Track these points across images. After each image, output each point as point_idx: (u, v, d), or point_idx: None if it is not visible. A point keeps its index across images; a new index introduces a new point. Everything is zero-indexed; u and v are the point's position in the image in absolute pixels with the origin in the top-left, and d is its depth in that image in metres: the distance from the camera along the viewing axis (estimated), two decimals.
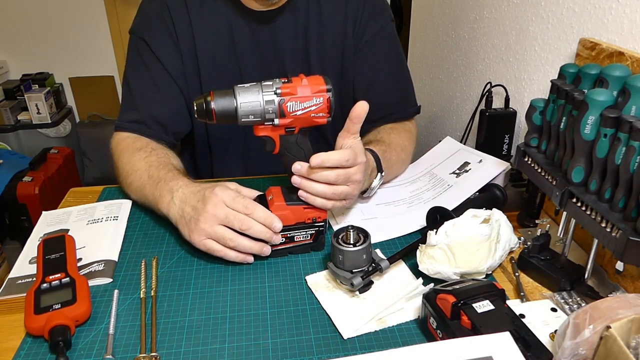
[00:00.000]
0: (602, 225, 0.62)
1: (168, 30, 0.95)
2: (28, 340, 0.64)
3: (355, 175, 0.75)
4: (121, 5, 2.63)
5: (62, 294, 0.67)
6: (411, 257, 0.76)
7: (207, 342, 0.64)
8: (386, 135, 0.97)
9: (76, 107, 2.85)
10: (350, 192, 0.76)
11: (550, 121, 0.72)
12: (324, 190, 0.74)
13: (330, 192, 0.74)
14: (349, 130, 0.74)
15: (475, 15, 1.28)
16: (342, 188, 0.75)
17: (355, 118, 0.72)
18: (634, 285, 0.68)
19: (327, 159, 0.72)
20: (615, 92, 0.64)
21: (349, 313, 0.68)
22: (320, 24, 0.98)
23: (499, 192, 0.86)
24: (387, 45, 1.03)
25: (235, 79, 0.97)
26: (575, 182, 0.66)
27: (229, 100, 0.69)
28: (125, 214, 0.89)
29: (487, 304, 0.59)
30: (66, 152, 2.42)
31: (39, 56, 2.68)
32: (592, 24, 0.84)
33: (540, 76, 1.01)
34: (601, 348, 0.48)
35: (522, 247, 0.79)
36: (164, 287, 0.73)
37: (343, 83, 1.03)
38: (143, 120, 0.94)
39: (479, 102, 1.17)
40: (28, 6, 2.57)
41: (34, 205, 2.11)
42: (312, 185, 0.74)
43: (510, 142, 1.05)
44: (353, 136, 0.74)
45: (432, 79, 1.61)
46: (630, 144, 0.57)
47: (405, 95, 1.06)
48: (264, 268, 0.77)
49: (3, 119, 2.49)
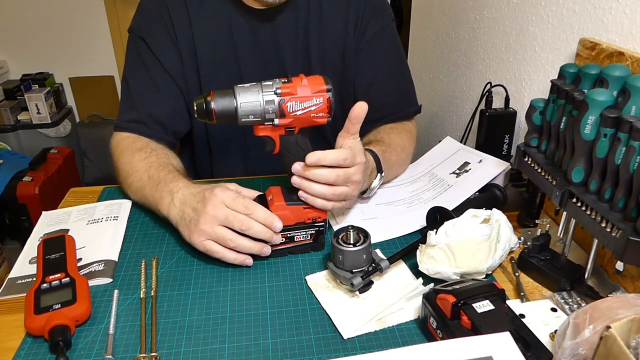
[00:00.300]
0: (602, 225, 0.62)
1: (167, 30, 0.94)
2: (28, 340, 0.64)
3: (354, 175, 0.75)
4: (121, 5, 2.63)
5: (62, 294, 0.67)
6: (411, 257, 0.76)
7: (207, 342, 0.64)
8: (386, 136, 0.96)
9: (76, 107, 2.85)
10: (349, 192, 0.76)
11: (550, 121, 0.72)
12: (323, 191, 0.74)
13: (330, 192, 0.74)
14: (349, 130, 0.74)
15: (475, 15, 1.28)
16: (342, 189, 0.75)
17: (354, 119, 0.72)
18: (634, 285, 0.68)
19: (324, 157, 0.72)
20: (615, 92, 0.64)
21: (349, 313, 0.68)
22: (321, 23, 0.98)
23: (499, 192, 0.86)
24: (388, 44, 1.03)
25: (235, 79, 0.97)
26: (575, 182, 0.66)
27: (229, 100, 0.69)
28: (125, 214, 0.89)
29: (487, 304, 0.59)
30: (66, 152, 2.42)
31: (39, 56, 2.68)
32: (592, 24, 0.84)
33: (540, 76, 1.01)
34: (601, 348, 0.48)
35: (522, 247, 0.79)
36: (164, 287, 0.73)
37: (343, 83, 1.03)
38: (142, 119, 0.94)
39: (479, 102, 1.17)
40: (28, 6, 2.57)
41: (34, 205, 2.11)
42: (312, 186, 0.74)
43: (510, 142, 1.05)
44: (352, 136, 0.74)
45: (432, 79, 1.61)
46: (630, 144, 0.57)
47: (405, 95, 1.06)
48: (264, 268, 0.77)
49: (3, 119, 2.49)
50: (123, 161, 0.91)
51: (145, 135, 0.94)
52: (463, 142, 1.22)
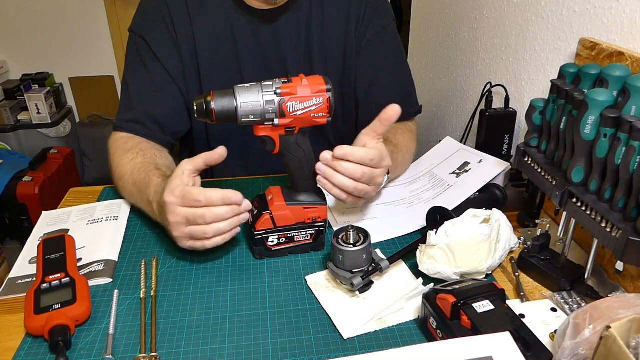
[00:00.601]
0: (602, 225, 0.62)
1: (168, 29, 0.94)
2: (28, 340, 0.64)
3: (379, 177, 0.75)
4: (121, 5, 2.63)
5: (62, 294, 0.67)
6: (411, 257, 0.76)
7: (207, 342, 0.64)
8: (392, 136, 0.96)
9: (76, 107, 2.85)
10: (369, 192, 0.76)
11: (550, 121, 0.72)
12: (347, 183, 0.73)
13: (353, 187, 0.74)
14: (376, 130, 0.74)
15: (475, 15, 1.28)
16: (364, 186, 0.74)
17: (385, 120, 0.72)
18: (634, 285, 0.68)
19: (351, 153, 0.71)
20: (615, 92, 0.64)
21: (349, 313, 0.68)
22: (322, 23, 0.98)
23: (499, 192, 0.86)
24: (389, 44, 1.03)
25: (236, 79, 0.97)
26: (575, 182, 0.66)
27: (229, 100, 0.69)
28: (125, 214, 0.89)
29: (487, 304, 0.59)
30: (66, 152, 2.42)
31: (39, 56, 2.69)
32: (592, 24, 0.84)
33: (540, 76, 1.01)
34: (601, 348, 0.48)
35: (522, 247, 0.79)
36: (164, 287, 0.73)
37: (345, 82, 1.03)
38: (140, 119, 0.94)
39: (479, 102, 1.17)
40: (28, 6, 2.57)
41: (34, 205, 2.11)
42: (337, 176, 0.73)
43: (510, 142, 1.05)
44: (378, 137, 0.74)
45: (432, 79, 1.61)
46: (630, 144, 0.57)
47: (407, 95, 1.06)
48: (264, 268, 0.77)
49: (3, 119, 2.50)
50: (114, 164, 0.91)
51: (141, 135, 0.94)
52: (463, 142, 1.22)
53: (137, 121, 0.94)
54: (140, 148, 0.90)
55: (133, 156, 0.88)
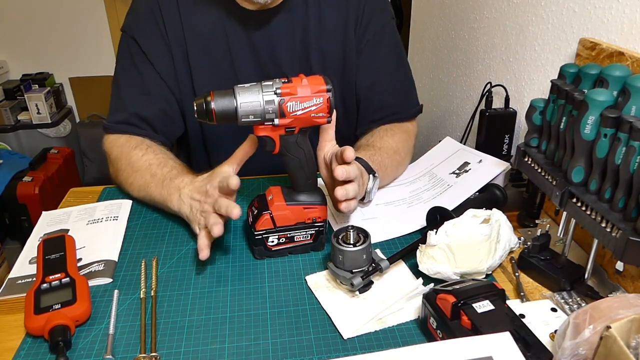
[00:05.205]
0: (602, 225, 0.62)
1: (159, 30, 0.94)
2: (28, 340, 0.64)
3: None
4: (121, 5, 2.62)
5: (62, 294, 0.67)
6: (411, 257, 0.76)
7: (207, 342, 0.64)
8: (378, 139, 0.96)
9: (76, 107, 2.85)
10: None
11: (550, 121, 0.72)
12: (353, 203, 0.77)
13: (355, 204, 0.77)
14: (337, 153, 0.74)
15: (475, 15, 1.28)
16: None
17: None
18: (634, 285, 0.68)
19: (349, 175, 0.73)
20: (615, 92, 0.64)
21: (349, 313, 0.68)
22: (320, 23, 0.97)
23: (499, 192, 0.86)
24: (389, 43, 1.02)
25: (231, 80, 0.96)
26: (575, 182, 0.66)
27: (229, 101, 0.69)
28: (125, 214, 0.89)
29: (487, 304, 0.59)
30: (66, 152, 2.42)
31: (39, 56, 2.68)
32: (592, 24, 0.84)
33: (540, 76, 1.01)
34: (601, 348, 0.48)
35: (522, 247, 0.79)
36: (164, 287, 0.73)
37: (345, 83, 1.02)
38: (132, 121, 0.94)
39: (479, 102, 1.17)
40: (28, 6, 2.57)
41: (34, 205, 2.11)
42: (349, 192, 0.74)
43: (510, 142, 1.05)
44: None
45: (432, 79, 1.61)
46: (630, 144, 0.57)
47: (407, 95, 1.06)
48: (264, 268, 0.77)
49: (3, 119, 2.49)
50: (122, 162, 0.91)
51: (137, 135, 0.94)
52: (463, 142, 1.22)
53: (129, 122, 0.94)
54: (147, 145, 0.92)
55: (143, 152, 0.90)
